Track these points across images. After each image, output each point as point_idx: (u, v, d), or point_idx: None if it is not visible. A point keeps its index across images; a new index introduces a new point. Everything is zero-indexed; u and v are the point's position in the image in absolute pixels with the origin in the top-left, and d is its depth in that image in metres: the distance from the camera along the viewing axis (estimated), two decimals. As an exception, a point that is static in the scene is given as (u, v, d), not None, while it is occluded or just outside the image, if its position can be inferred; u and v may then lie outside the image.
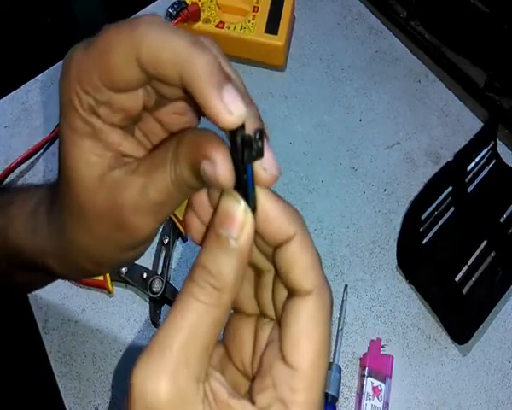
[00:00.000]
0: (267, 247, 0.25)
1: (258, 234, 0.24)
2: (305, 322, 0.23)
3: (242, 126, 0.22)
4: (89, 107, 0.26)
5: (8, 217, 0.35)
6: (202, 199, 0.25)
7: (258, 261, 0.27)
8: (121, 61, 0.24)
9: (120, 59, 0.24)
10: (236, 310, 0.29)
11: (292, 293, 0.24)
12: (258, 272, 0.28)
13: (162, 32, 0.23)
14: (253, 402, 0.24)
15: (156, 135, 0.29)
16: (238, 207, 0.22)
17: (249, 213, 0.23)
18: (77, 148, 0.27)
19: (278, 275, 0.25)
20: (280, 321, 0.25)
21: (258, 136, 0.22)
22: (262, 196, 0.24)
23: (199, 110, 0.26)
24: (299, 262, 0.24)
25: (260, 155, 0.23)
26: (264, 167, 0.23)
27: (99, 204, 0.27)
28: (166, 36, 0.23)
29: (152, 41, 0.23)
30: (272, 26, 0.69)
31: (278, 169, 0.24)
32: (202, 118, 0.29)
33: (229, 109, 0.21)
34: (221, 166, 0.22)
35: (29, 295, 0.58)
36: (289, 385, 0.23)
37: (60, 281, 0.59)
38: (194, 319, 0.22)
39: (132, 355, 0.55)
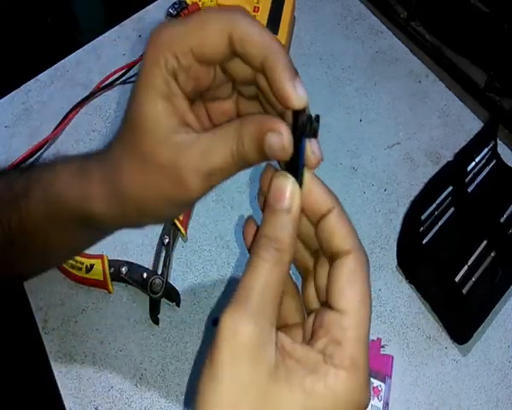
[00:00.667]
0: (309, 229, 0.31)
1: (303, 212, 0.30)
2: (348, 274, 0.28)
3: (304, 110, 0.28)
4: (172, 69, 0.30)
5: (54, 172, 0.38)
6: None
7: (301, 258, 0.33)
8: (215, 34, 0.29)
9: (215, 32, 0.29)
10: (282, 326, 0.32)
11: (334, 258, 0.29)
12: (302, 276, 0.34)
13: (253, 20, 0.29)
14: None
15: (203, 124, 0.34)
16: (288, 182, 0.28)
17: (297, 186, 0.28)
18: (151, 104, 0.30)
19: (321, 249, 0.30)
20: (326, 289, 0.29)
21: (316, 119, 0.29)
22: (307, 177, 0.29)
23: (269, 104, 0.32)
24: (338, 229, 0.29)
25: (315, 135, 0.29)
26: (313, 151, 0.29)
27: (160, 158, 0.31)
28: (257, 24, 0.29)
29: (245, 23, 0.29)
30: (272, 26, 0.69)
31: (321, 155, 0.30)
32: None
33: (299, 93, 0.28)
34: (286, 136, 0.28)
35: (29, 295, 0.58)
36: (340, 326, 0.27)
37: (59, 281, 0.59)
38: (265, 274, 0.27)
39: (132, 355, 0.55)
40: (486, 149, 0.64)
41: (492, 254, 0.59)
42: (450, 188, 0.61)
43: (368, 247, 0.61)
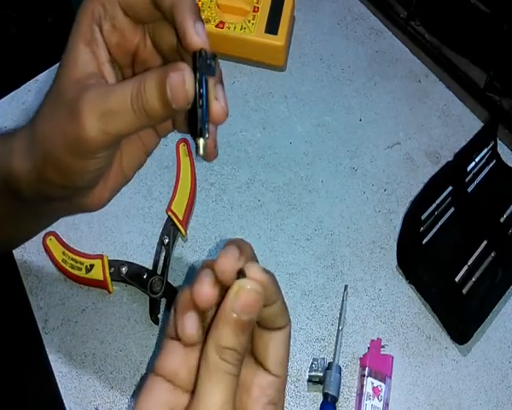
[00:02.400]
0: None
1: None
2: (283, 346, 0.32)
3: (203, 50, 0.29)
4: (98, 17, 0.32)
5: None
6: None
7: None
8: None
9: None
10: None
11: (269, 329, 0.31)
12: None
13: None
14: None
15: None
16: (259, 292, 0.28)
17: (262, 291, 0.28)
18: (73, 47, 0.32)
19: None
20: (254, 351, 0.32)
21: (212, 57, 0.29)
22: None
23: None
24: (277, 320, 0.31)
25: (213, 73, 0.29)
26: (216, 97, 0.30)
27: (67, 98, 0.31)
28: None
29: None
30: (272, 26, 0.69)
31: (226, 105, 0.31)
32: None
33: (198, 33, 0.29)
34: (187, 72, 0.28)
35: (29, 295, 0.58)
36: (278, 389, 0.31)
37: (59, 281, 0.59)
38: (226, 395, 0.28)
39: (132, 355, 0.56)
40: (486, 149, 0.64)
41: (492, 255, 0.59)
42: (450, 188, 0.61)
43: (368, 247, 0.61)
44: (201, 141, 0.29)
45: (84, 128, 0.30)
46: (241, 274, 0.27)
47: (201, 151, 0.29)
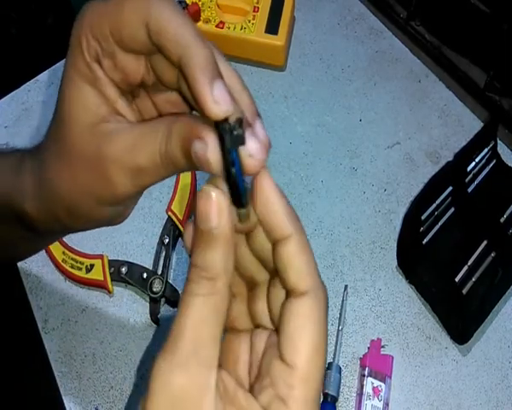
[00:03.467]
0: (265, 247, 0.26)
1: (258, 227, 0.26)
2: (301, 321, 0.24)
3: (226, 119, 0.24)
4: (95, 53, 0.27)
5: None
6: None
7: (252, 271, 0.28)
8: (132, 19, 0.25)
9: (132, 16, 0.25)
10: (230, 329, 0.29)
11: (289, 293, 0.25)
12: (251, 286, 0.29)
13: (174, 7, 0.25)
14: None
15: (149, 115, 0.31)
16: (212, 196, 0.23)
17: (223, 198, 0.24)
18: (76, 90, 0.28)
19: (278, 275, 0.26)
20: (277, 324, 0.26)
21: (238, 124, 0.24)
22: (266, 187, 0.25)
23: (190, 104, 0.29)
24: (294, 264, 0.25)
25: (241, 142, 0.24)
26: (249, 154, 0.24)
27: (86, 150, 0.28)
28: (177, 12, 0.25)
29: (162, 11, 0.25)
30: (272, 26, 0.69)
31: (265, 151, 0.25)
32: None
33: (217, 101, 0.23)
34: (211, 146, 0.24)
35: (29, 295, 0.58)
36: (286, 382, 0.24)
37: (59, 281, 0.59)
38: (197, 310, 0.24)
39: (132, 355, 0.55)
40: (486, 149, 0.64)
41: (492, 255, 0.59)
42: (450, 188, 0.61)
43: (368, 247, 0.61)
44: (242, 211, 0.25)
45: (117, 189, 0.28)
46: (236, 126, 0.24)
47: (241, 221, 0.26)
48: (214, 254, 0.24)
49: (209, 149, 0.23)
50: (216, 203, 0.23)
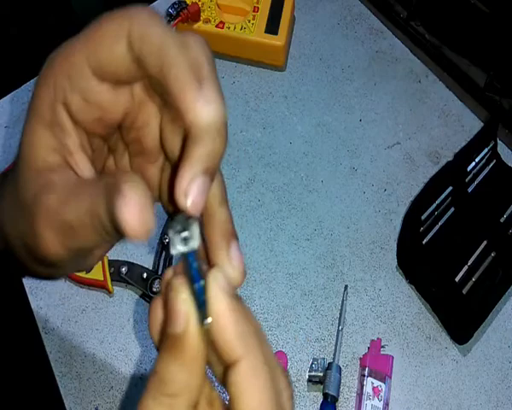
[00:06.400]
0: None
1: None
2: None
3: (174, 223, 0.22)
4: (63, 93, 0.24)
5: None
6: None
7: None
8: (112, 35, 0.23)
9: (112, 33, 0.23)
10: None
11: None
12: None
13: (156, 17, 0.23)
14: None
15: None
16: (178, 299, 0.21)
17: (190, 304, 0.21)
18: (30, 131, 0.25)
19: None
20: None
21: (186, 223, 0.22)
22: (216, 305, 0.21)
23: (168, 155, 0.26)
24: (243, 394, 0.21)
25: (193, 244, 0.21)
26: (233, 265, 0.24)
27: (27, 199, 0.25)
28: (159, 22, 0.23)
29: (145, 19, 0.23)
30: (272, 26, 0.69)
31: (240, 280, 0.24)
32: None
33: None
34: (130, 204, 0.20)
35: (29, 295, 0.58)
36: None
37: (59, 281, 0.59)
38: None
39: (132, 355, 0.55)
40: (486, 149, 0.64)
41: (492, 255, 0.59)
42: (450, 188, 0.61)
43: (368, 247, 0.61)
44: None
45: (43, 243, 0.24)
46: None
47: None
48: (176, 365, 0.21)
49: (125, 205, 0.20)
50: (182, 304, 0.21)
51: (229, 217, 0.26)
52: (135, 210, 0.20)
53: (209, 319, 0.21)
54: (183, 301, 0.21)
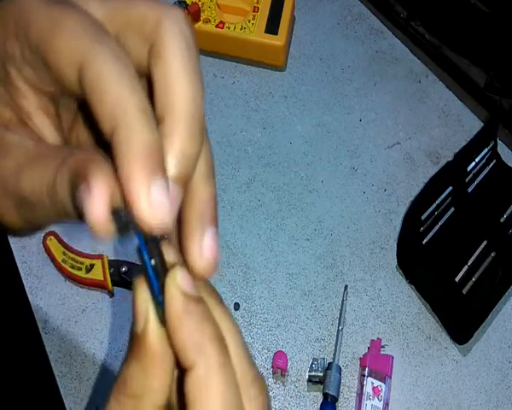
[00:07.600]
0: None
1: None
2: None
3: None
4: (12, 59, 0.21)
5: None
6: None
7: None
8: (64, 52, 0.19)
9: (65, 48, 0.19)
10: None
11: None
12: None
13: (124, 61, 0.19)
14: None
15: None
16: (138, 299, 0.21)
17: (150, 305, 0.21)
18: None
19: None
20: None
21: (154, 243, 0.20)
22: (170, 307, 0.20)
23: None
24: (193, 405, 0.20)
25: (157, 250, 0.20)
26: (201, 254, 0.22)
27: None
28: (126, 70, 0.19)
29: (104, 58, 0.19)
30: (272, 26, 0.69)
31: (209, 273, 0.23)
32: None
33: (153, 206, 0.18)
34: (97, 197, 0.18)
35: (29, 295, 0.58)
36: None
37: (59, 281, 0.59)
38: None
39: (132, 355, 0.55)
40: (486, 149, 0.64)
41: (492, 255, 0.59)
42: (450, 188, 0.61)
43: (368, 247, 0.61)
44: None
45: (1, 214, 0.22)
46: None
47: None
48: (138, 367, 0.21)
49: (92, 197, 0.18)
50: (141, 302, 0.21)
51: (211, 198, 0.22)
52: (100, 206, 0.18)
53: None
54: (143, 300, 0.21)
